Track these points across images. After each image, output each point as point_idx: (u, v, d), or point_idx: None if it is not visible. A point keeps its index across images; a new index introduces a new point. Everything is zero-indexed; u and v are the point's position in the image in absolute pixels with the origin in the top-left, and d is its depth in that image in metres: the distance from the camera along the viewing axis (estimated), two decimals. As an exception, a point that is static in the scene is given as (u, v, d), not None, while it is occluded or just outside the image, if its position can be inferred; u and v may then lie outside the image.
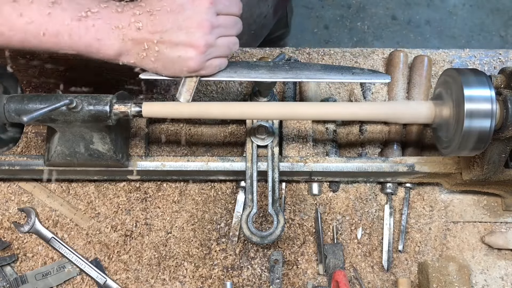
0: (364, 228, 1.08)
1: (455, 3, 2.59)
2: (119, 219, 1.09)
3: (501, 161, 0.93)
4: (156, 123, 1.12)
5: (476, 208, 1.09)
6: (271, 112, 0.91)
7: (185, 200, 1.10)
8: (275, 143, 1.03)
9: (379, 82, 1.10)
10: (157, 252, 1.07)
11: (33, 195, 1.10)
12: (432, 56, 1.17)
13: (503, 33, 2.58)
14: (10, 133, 0.94)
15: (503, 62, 1.18)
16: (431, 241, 1.07)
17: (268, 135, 1.02)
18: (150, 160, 1.03)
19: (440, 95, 0.91)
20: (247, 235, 0.96)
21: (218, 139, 1.12)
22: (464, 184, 1.03)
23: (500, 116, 0.84)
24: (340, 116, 0.93)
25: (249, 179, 1.00)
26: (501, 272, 1.06)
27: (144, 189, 1.10)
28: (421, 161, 1.03)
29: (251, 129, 1.03)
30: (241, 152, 1.12)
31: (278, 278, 1.02)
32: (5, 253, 1.06)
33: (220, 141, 1.13)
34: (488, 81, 0.84)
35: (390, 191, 1.08)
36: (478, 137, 0.83)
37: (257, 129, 1.02)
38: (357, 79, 0.90)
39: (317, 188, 1.08)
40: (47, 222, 1.08)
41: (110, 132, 0.96)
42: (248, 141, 1.03)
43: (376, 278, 1.06)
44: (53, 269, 1.05)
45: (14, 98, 0.89)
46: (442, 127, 0.90)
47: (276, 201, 0.98)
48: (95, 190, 1.10)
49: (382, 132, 1.09)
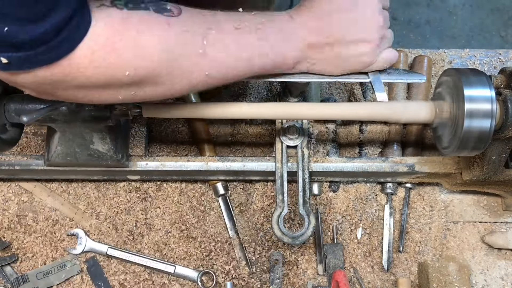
0: (364, 228, 1.08)
1: (455, 3, 2.59)
2: (119, 219, 1.09)
3: (501, 161, 0.93)
4: (156, 123, 1.12)
5: (476, 208, 1.09)
6: (270, 112, 0.91)
7: (185, 200, 1.10)
8: (305, 143, 1.02)
9: (414, 81, 1.05)
10: (157, 252, 1.07)
11: (34, 194, 1.10)
12: (432, 56, 1.17)
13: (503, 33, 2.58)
14: (10, 133, 0.94)
15: (503, 62, 1.18)
16: (431, 241, 1.07)
17: (299, 135, 1.02)
18: (150, 160, 1.03)
19: (440, 95, 0.91)
20: (278, 236, 0.95)
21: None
22: (464, 184, 1.03)
23: (500, 116, 0.84)
24: (340, 116, 0.93)
25: (279, 180, 0.99)
26: (501, 272, 1.06)
27: (144, 189, 1.10)
28: (421, 161, 1.03)
29: (280, 129, 1.03)
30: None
31: (278, 278, 1.02)
32: (5, 253, 1.06)
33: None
34: (488, 81, 0.84)
35: (390, 191, 1.08)
36: (478, 137, 0.83)
37: (288, 130, 1.02)
38: (392, 79, 0.88)
39: (317, 189, 1.08)
40: (47, 222, 1.08)
41: (110, 132, 0.96)
42: (278, 142, 1.02)
43: (376, 278, 1.06)
44: (54, 268, 1.05)
45: (14, 98, 0.89)
46: (442, 127, 0.90)
47: (307, 202, 0.97)
48: (95, 190, 1.10)
49: (382, 132, 1.09)
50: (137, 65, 0.69)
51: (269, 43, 0.79)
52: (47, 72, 0.65)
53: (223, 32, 0.76)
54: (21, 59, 0.62)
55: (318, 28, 0.81)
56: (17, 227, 1.08)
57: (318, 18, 0.82)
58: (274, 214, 0.96)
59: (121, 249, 1.06)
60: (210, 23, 0.76)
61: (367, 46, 0.83)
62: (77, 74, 0.66)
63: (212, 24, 0.76)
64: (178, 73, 0.73)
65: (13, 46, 0.61)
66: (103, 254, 1.06)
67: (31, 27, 0.60)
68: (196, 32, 0.74)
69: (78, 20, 0.64)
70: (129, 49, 0.68)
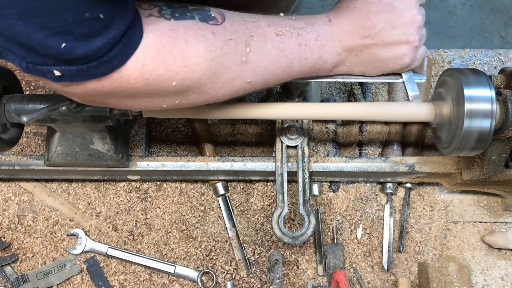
0: (364, 228, 1.08)
1: (455, 3, 2.59)
2: (119, 219, 1.09)
3: (501, 161, 0.93)
4: (156, 123, 1.12)
5: (476, 208, 1.09)
6: (270, 111, 0.91)
7: (185, 200, 1.10)
8: (305, 143, 1.02)
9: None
10: (157, 252, 1.07)
11: (34, 194, 1.10)
12: (432, 56, 1.17)
13: (503, 33, 2.58)
14: (10, 133, 0.94)
15: (503, 62, 1.18)
16: (431, 241, 1.07)
17: (299, 136, 1.02)
18: (150, 160, 1.03)
19: (440, 95, 0.91)
20: (278, 236, 0.95)
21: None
22: (464, 184, 1.03)
23: (500, 116, 0.84)
24: (340, 116, 0.93)
25: (279, 180, 0.99)
26: (501, 272, 1.06)
27: (144, 189, 1.10)
28: (421, 161, 1.03)
29: (281, 129, 1.03)
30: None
31: (278, 278, 1.02)
32: (5, 253, 1.06)
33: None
34: (488, 81, 0.84)
35: (390, 191, 1.08)
36: (478, 137, 0.83)
37: (288, 129, 1.02)
38: (392, 79, 0.88)
39: (317, 189, 1.08)
40: (47, 222, 1.08)
41: (110, 132, 0.96)
42: (278, 141, 1.02)
43: (376, 278, 1.06)
44: (54, 268, 1.05)
45: (14, 98, 0.89)
46: (442, 127, 0.90)
47: (307, 202, 0.97)
48: (95, 190, 1.10)
49: (382, 132, 1.09)
50: (184, 75, 0.69)
51: (309, 48, 0.79)
52: (97, 85, 0.65)
53: (264, 39, 0.76)
54: (73, 72, 0.62)
55: (357, 31, 0.81)
56: (17, 227, 1.08)
57: (356, 20, 0.81)
58: (274, 214, 0.96)
59: (121, 249, 1.06)
60: (251, 30, 0.75)
61: (408, 48, 0.82)
62: (127, 86, 0.67)
63: (254, 31, 0.75)
64: (222, 81, 0.74)
65: (68, 61, 0.61)
66: (103, 254, 1.06)
67: (87, 42, 0.60)
68: (239, 39, 0.74)
69: (131, 34, 0.64)
70: (178, 60, 0.68)
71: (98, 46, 0.61)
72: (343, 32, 0.81)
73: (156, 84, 0.68)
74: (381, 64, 0.84)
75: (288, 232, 0.95)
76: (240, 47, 0.74)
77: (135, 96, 0.70)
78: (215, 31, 0.72)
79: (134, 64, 0.65)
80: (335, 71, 0.85)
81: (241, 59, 0.74)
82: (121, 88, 0.67)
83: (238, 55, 0.73)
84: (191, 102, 0.75)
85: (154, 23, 0.67)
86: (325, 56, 0.81)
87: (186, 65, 0.69)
